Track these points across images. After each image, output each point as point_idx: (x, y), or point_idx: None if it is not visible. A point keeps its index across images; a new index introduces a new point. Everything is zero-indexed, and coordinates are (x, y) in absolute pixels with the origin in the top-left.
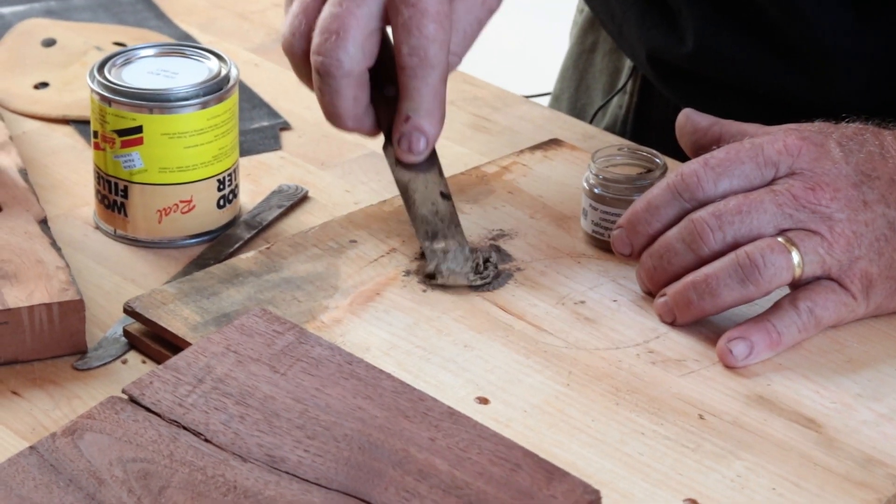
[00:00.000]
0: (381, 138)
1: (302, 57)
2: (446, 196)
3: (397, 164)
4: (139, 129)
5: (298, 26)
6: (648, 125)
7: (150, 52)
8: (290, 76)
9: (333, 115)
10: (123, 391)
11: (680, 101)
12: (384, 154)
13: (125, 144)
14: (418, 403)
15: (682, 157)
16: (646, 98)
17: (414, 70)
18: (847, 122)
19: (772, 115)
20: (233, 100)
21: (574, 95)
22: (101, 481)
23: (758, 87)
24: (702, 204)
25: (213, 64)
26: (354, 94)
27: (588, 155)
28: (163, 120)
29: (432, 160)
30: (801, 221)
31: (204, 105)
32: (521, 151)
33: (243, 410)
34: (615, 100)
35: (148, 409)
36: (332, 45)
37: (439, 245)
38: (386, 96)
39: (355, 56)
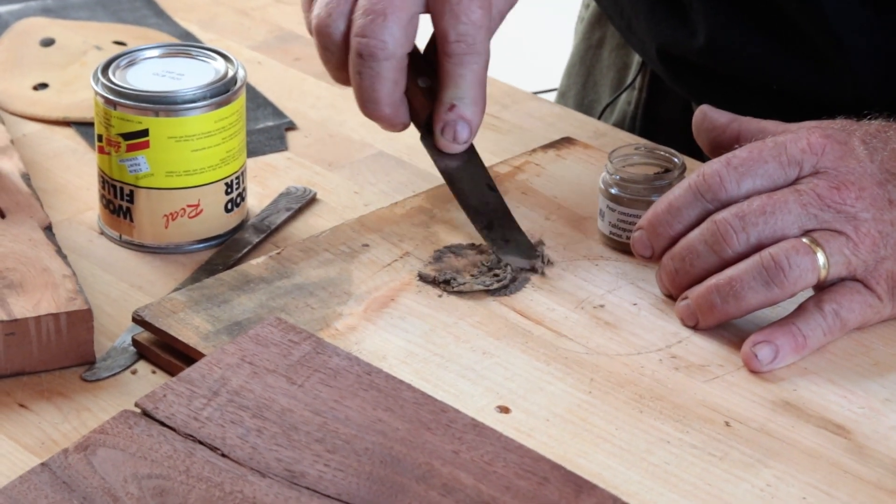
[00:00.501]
0: (387, 139)
1: (339, 39)
2: (493, 188)
3: (438, 153)
4: (145, 133)
5: (336, 6)
6: (658, 122)
7: (155, 52)
8: (294, 74)
9: (371, 101)
10: (136, 405)
11: (691, 96)
12: (423, 145)
13: (131, 148)
14: (440, 415)
15: (694, 155)
16: (655, 94)
17: (461, 57)
18: (869, 119)
19: (785, 111)
20: (240, 101)
21: (581, 92)
22: (116, 499)
23: (771, 82)
24: (724, 205)
25: (220, 65)
26: (395, 78)
27: (602, 153)
28: (169, 123)
29: (472, 150)
30: (826, 222)
31: (211, 107)
32: (534, 150)
33: (260, 424)
34: (623, 96)
35: (162, 424)
36: (377, 26)
37: (497, 234)
38: (420, 87)
39: (399, 38)
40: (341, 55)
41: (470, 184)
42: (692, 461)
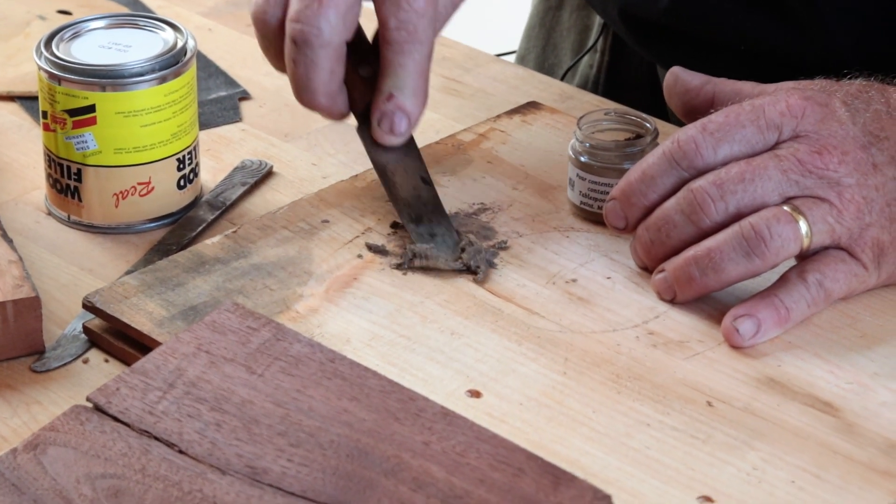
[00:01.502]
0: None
1: (275, 26)
2: (427, 182)
3: (374, 145)
4: (92, 109)
5: None
6: (622, 85)
7: (101, 23)
8: (246, 42)
9: (306, 90)
10: (88, 399)
11: (655, 59)
12: (359, 136)
13: (77, 125)
14: (409, 403)
15: (663, 119)
16: (618, 57)
17: (401, 45)
18: (849, 78)
19: (755, 73)
20: (191, 73)
21: (541, 55)
22: (69, 501)
23: (740, 42)
24: (701, 172)
25: (169, 35)
26: (332, 67)
27: (569, 118)
28: (117, 98)
29: (410, 143)
30: (808, 188)
31: (160, 80)
32: (499, 116)
33: (219, 417)
34: (585, 59)
35: (116, 419)
36: (312, 12)
37: (423, 229)
38: (361, 76)
39: (336, 26)
40: (278, 42)
41: (403, 177)
42: (674, 444)
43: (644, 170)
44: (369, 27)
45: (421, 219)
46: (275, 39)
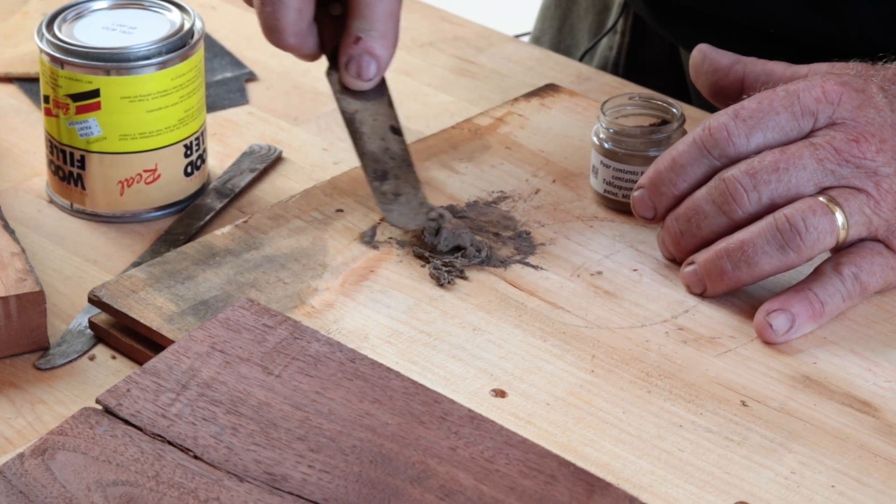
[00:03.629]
0: None
1: None
2: (397, 131)
3: (343, 91)
4: (96, 93)
5: None
6: (643, 68)
7: (104, 3)
8: (252, 20)
9: (274, 30)
10: (98, 401)
11: (679, 42)
12: (327, 80)
13: (81, 110)
14: (434, 406)
15: (686, 103)
16: (639, 38)
17: None
18: (885, 62)
19: (785, 56)
20: (198, 56)
21: (557, 37)
22: None
23: (769, 25)
24: (733, 161)
25: (175, 16)
26: (299, 5)
27: (590, 102)
28: (122, 82)
29: (382, 89)
30: (845, 178)
31: (167, 64)
32: (516, 100)
33: (236, 420)
34: (604, 41)
35: (127, 422)
36: None
37: (388, 186)
38: (332, 15)
39: None
40: None
41: (371, 126)
42: (708, 447)
43: (674, 157)
44: None
45: (386, 175)
46: None
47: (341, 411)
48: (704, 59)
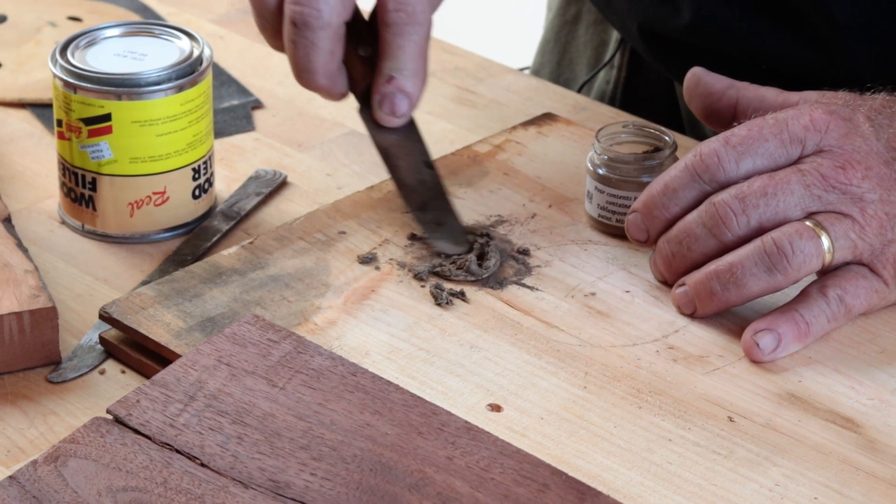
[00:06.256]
0: (357, 120)
1: (273, 7)
2: (430, 165)
3: (376, 127)
4: (107, 118)
5: None
6: (639, 101)
7: (116, 31)
8: (258, 49)
9: (306, 71)
10: (108, 411)
11: (674, 76)
12: (360, 117)
13: (93, 134)
14: (432, 418)
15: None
16: (635, 72)
17: (399, 27)
18: (872, 92)
19: (774, 86)
20: (206, 82)
21: (556, 70)
22: None
23: (761, 60)
24: (723, 186)
25: (185, 44)
26: (331, 48)
27: (585, 130)
28: (133, 107)
29: (412, 125)
30: (831, 203)
31: (177, 89)
32: (514, 128)
33: (241, 430)
34: (601, 74)
35: (136, 431)
36: None
37: (430, 216)
38: (360, 56)
39: (335, 6)
40: (276, 23)
41: (406, 160)
42: (696, 460)
43: (666, 182)
44: (366, 6)
45: (427, 206)
46: (273, 20)
47: (343, 422)
48: (699, 82)
